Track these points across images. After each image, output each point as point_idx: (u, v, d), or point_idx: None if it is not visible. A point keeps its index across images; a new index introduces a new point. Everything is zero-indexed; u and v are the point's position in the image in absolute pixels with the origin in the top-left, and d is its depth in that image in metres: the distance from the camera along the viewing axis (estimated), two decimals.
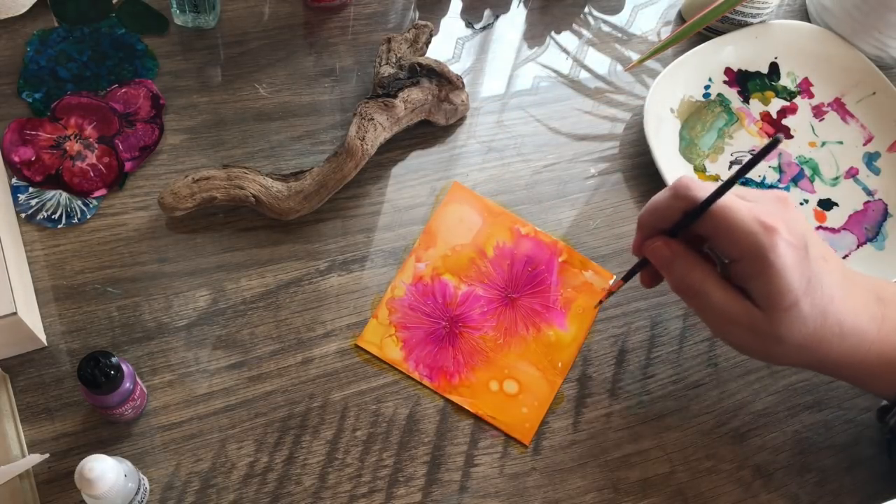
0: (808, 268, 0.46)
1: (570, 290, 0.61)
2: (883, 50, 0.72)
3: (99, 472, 0.42)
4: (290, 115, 0.65)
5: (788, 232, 0.45)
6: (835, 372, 0.51)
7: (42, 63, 0.63)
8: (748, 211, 0.45)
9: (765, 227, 0.44)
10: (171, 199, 0.57)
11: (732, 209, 0.45)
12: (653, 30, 0.75)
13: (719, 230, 0.46)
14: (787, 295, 0.45)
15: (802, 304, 0.46)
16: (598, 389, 0.58)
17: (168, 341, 0.55)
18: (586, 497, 0.55)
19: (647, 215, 0.49)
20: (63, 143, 0.60)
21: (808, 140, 0.70)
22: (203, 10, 0.65)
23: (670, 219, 0.48)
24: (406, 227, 0.62)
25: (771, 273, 0.45)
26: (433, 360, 0.57)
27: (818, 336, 0.47)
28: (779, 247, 0.44)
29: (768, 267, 0.45)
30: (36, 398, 0.52)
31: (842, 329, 0.48)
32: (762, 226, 0.44)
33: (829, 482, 0.57)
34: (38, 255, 0.56)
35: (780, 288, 0.45)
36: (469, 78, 0.69)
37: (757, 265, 0.45)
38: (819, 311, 0.46)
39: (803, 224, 0.47)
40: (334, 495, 0.52)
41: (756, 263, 0.45)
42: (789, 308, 0.46)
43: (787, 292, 0.45)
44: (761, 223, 0.45)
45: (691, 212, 0.46)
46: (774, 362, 0.50)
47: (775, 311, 0.46)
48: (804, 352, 0.48)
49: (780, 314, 0.46)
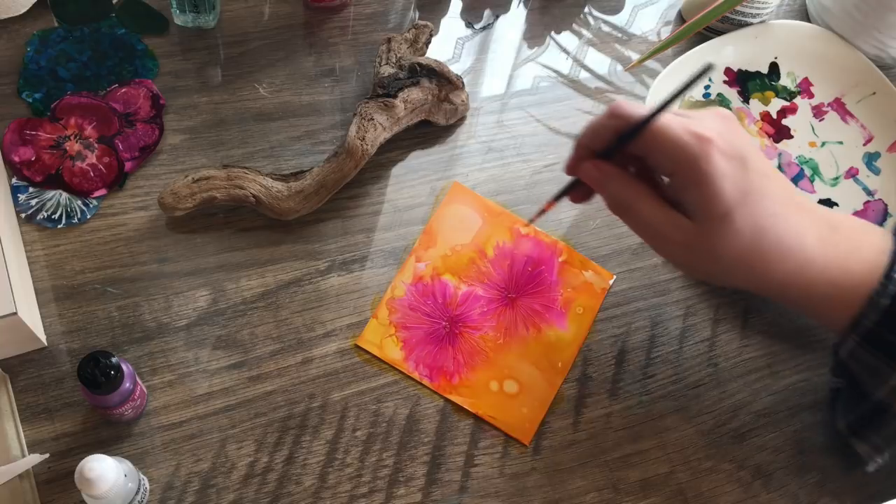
0: (744, 179, 0.45)
1: (570, 290, 0.61)
2: (883, 50, 0.72)
3: (99, 472, 0.42)
4: (290, 115, 0.65)
5: (723, 142, 0.45)
6: (781, 295, 0.49)
7: (42, 63, 0.63)
8: (681, 125, 0.45)
9: (698, 138, 0.45)
10: (171, 199, 0.57)
11: (666, 124, 0.46)
12: (653, 30, 0.75)
13: (654, 145, 0.46)
14: (719, 204, 0.45)
15: (736, 216, 0.45)
16: (598, 389, 0.58)
17: (168, 341, 0.55)
18: (586, 497, 0.55)
19: (584, 136, 0.50)
20: (63, 143, 0.60)
21: (808, 140, 0.70)
22: (203, 10, 0.65)
23: (605, 139, 0.48)
24: (406, 227, 0.62)
25: (703, 181, 0.45)
26: (433, 360, 0.57)
27: (756, 252, 0.46)
28: (712, 155, 0.44)
29: (701, 175, 0.45)
30: (36, 398, 0.52)
31: (782, 248, 0.46)
32: (695, 136, 0.45)
33: (829, 482, 0.57)
34: (38, 255, 0.56)
35: (711, 196, 0.45)
36: (469, 78, 0.69)
37: (690, 174, 0.45)
38: (756, 225, 0.46)
39: (744, 139, 0.47)
40: (334, 495, 0.52)
41: (689, 173, 0.45)
42: (722, 218, 0.45)
43: (718, 201, 0.45)
44: (694, 134, 0.45)
45: (626, 132, 0.47)
46: (716, 281, 0.50)
47: (708, 221, 0.46)
48: (742, 268, 0.47)
49: (713, 225, 0.46)
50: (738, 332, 0.61)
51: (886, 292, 0.46)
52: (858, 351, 0.48)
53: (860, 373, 0.49)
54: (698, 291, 0.62)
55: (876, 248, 0.48)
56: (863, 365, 0.49)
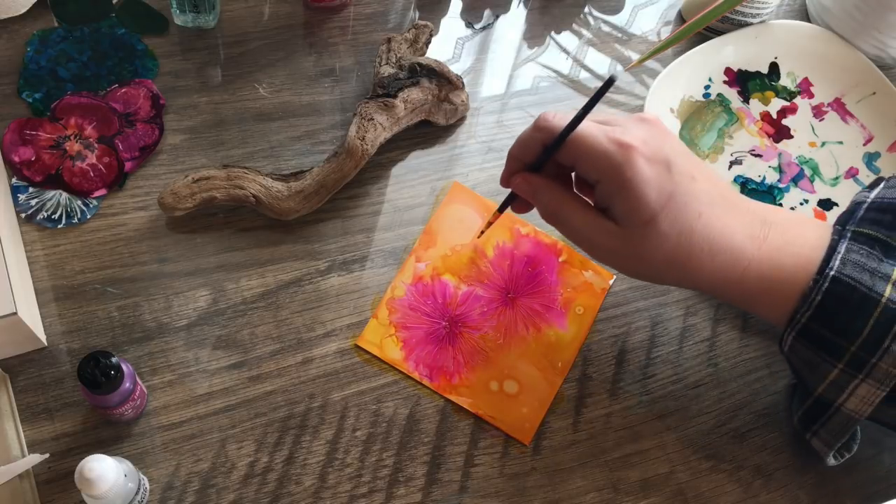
0: (668, 183, 0.46)
1: (570, 290, 0.61)
2: (883, 50, 0.72)
3: (99, 472, 0.42)
4: (290, 115, 0.65)
5: (646, 148, 0.46)
6: (716, 292, 0.50)
7: (42, 63, 0.63)
8: (603, 133, 0.47)
9: (619, 145, 0.46)
10: (171, 199, 0.57)
11: (588, 133, 0.47)
12: (653, 30, 0.75)
13: (578, 155, 0.47)
14: (644, 209, 0.46)
15: (661, 220, 0.46)
16: (598, 389, 0.58)
17: (168, 341, 0.55)
18: (586, 497, 0.55)
19: (514, 149, 0.51)
20: (63, 143, 0.60)
21: (809, 140, 0.70)
22: (203, 10, 0.65)
23: (534, 151, 0.50)
24: (406, 227, 0.62)
25: (627, 188, 0.46)
26: (433, 360, 0.57)
27: (683, 253, 0.47)
28: (634, 162, 0.45)
29: (624, 182, 0.46)
30: (36, 398, 0.52)
31: (711, 247, 0.47)
32: (617, 143, 0.46)
33: (829, 482, 0.57)
34: (38, 255, 0.56)
35: (636, 202, 0.46)
36: (469, 78, 0.69)
37: (614, 182, 0.46)
38: (681, 227, 0.46)
39: (668, 142, 0.47)
40: (334, 495, 0.52)
41: (613, 181, 0.46)
42: (647, 223, 0.46)
43: (643, 207, 0.46)
44: (616, 141, 0.46)
45: (551, 143, 0.48)
46: (650, 280, 0.51)
47: (633, 226, 0.47)
48: (673, 269, 0.48)
49: (638, 230, 0.47)
50: (738, 332, 0.61)
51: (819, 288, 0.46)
52: (796, 346, 0.48)
53: (801, 368, 0.50)
54: (698, 291, 0.62)
55: (810, 243, 0.48)
56: (802, 360, 0.49)
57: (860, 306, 0.45)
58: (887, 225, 0.48)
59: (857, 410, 0.48)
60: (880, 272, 0.46)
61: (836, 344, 0.46)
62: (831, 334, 0.46)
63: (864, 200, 0.50)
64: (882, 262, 0.46)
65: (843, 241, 0.47)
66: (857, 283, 0.45)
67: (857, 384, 0.46)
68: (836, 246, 0.47)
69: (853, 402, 0.47)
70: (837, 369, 0.47)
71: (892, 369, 0.45)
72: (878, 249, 0.47)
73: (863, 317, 0.45)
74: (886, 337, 0.45)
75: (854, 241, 0.47)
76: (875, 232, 0.48)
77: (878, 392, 0.46)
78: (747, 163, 0.68)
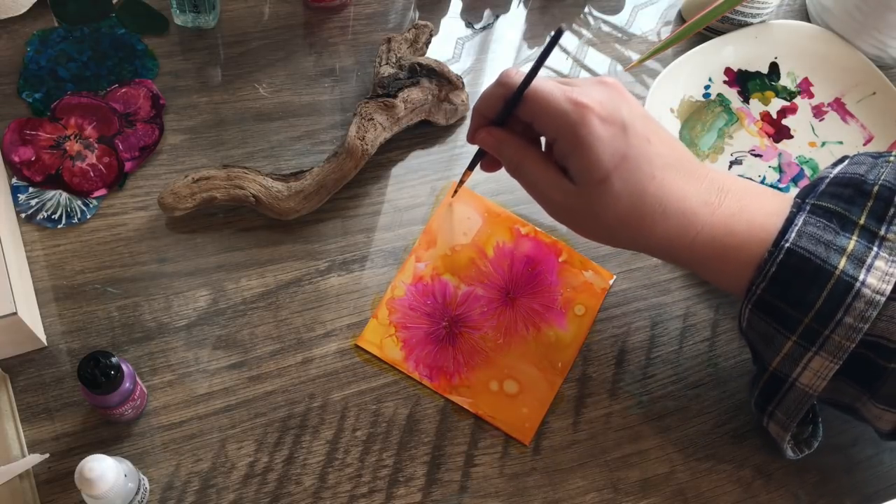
0: (622, 145, 0.47)
1: (570, 290, 0.61)
2: (883, 50, 0.72)
3: (99, 472, 0.42)
4: (290, 115, 0.65)
5: (602, 109, 0.47)
6: (668, 256, 0.51)
7: (42, 63, 0.63)
8: (561, 92, 0.48)
9: (575, 104, 0.47)
10: (171, 199, 0.57)
11: (547, 91, 0.48)
12: (653, 30, 0.75)
13: (537, 112, 0.49)
14: (597, 169, 0.47)
15: (614, 180, 0.47)
16: (598, 389, 0.58)
17: (168, 341, 0.55)
18: (586, 497, 0.55)
19: (478, 104, 0.52)
20: (63, 143, 0.60)
21: (809, 140, 0.70)
22: (203, 10, 0.65)
23: (495, 107, 0.51)
24: (406, 227, 0.62)
25: (581, 147, 0.47)
26: (433, 360, 0.57)
27: (636, 214, 0.48)
28: (589, 122, 0.46)
29: (579, 141, 0.47)
30: (36, 398, 0.52)
31: (664, 209, 0.48)
32: (573, 103, 0.47)
33: (829, 482, 0.57)
34: (38, 255, 0.56)
35: (589, 162, 0.47)
36: (469, 78, 0.69)
37: (570, 141, 0.47)
38: (634, 188, 0.47)
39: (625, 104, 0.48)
40: (334, 495, 0.52)
41: (569, 139, 0.47)
42: (600, 182, 0.47)
43: (596, 166, 0.47)
44: (572, 100, 0.47)
45: (510, 98, 0.49)
46: (603, 242, 0.52)
47: (587, 185, 0.48)
48: (624, 230, 0.49)
49: (592, 189, 0.48)
50: (738, 332, 0.61)
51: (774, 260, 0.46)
52: (753, 319, 0.49)
53: (757, 342, 0.50)
54: (698, 291, 0.62)
55: (766, 212, 0.49)
56: (758, 333, 0.49)
57: (814, 278, 0.45)
58: (846, 199, 0.48)
59: (810, 385, 0.48)
60: (835, 245, 0.46)
61: (790, 316, 0.46)
62: (786, 305, 0.47)
63: (826, 175, 0.51)
64: (838, 234, 0.46)
65: (802, 213, 0.48)
66: (811, 254, 0.46)
67: (810, 357, 0.47)
68: (793, 218, 0.48)
69: (807, 377, 0.47)
70: (791, 341, 0.47)
71: (845, 342, 0.45)
72: (836, 222, 0.47)
73: (816, 289, 0.45)
74: (839, 309, 0.45)
75: (812, 214, 0.48)
76: (833, 206, 0.48)
77: (831, 365, 0.46)
78: (747, 163, 0.68)
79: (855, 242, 0.46)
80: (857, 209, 0.47)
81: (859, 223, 0.47)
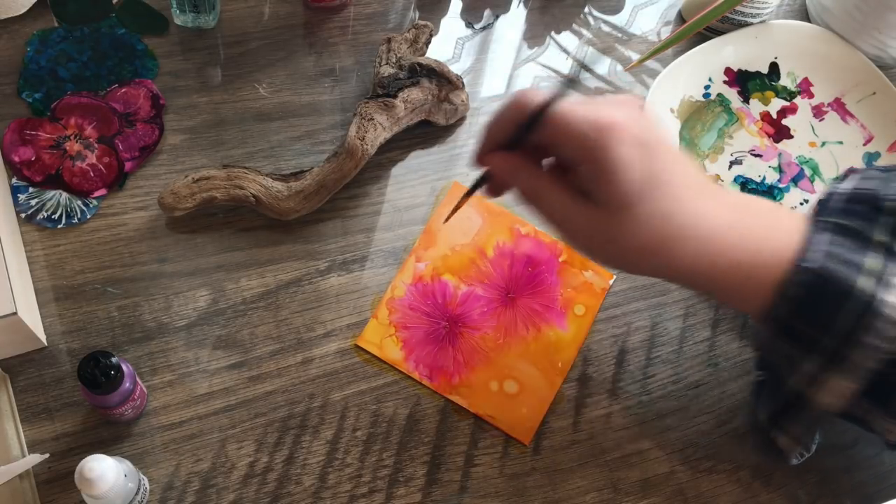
0: (646, 167, 0.45)
1: (570, 290, 0.61)
2: (883, 50, 0.72)
3: (99, 472, 0.42)
4: (290, 115, 0.65)
5: (626, 130, 0.44)
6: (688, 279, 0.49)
7: (42, 63, 0.63)
8: (583, 113, 0.45)
9: (599, 126, 0.44)
10: (171, 199, 0.57)
11: (567, 113, 0.45)
12: (653, 30, 0.75)
13: (557, 136, 0.46)
14: (623, 193, 0.45)
15: (639, 204, 0.45)
16: (598, 389, 0.58)
17: (168, 341, 0.55)
18: (586, 497, 0.55)
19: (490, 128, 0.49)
20: (63, 143, 0.60)
21: (809, 140, 0.70)
22: (203, 10, 0.65)
23: (510, 130, 0.48)
24: (406, 227, 0.62)
25: (605, 171, 0.44)
26: (433, 360, 0.57)
27: (659, 239, 0.46)
28: (613, 145, 0.44)
29: (602, 164, 0.44)
30: (36, 398, 0.52)
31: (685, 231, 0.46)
32: (596, 125, 0.44)
33: (829, 482, 0.57)
34: (38, 255, 0.56)
35: (614, 186, 0.45)
36: (469, 78, 0.69)
37: (593, 164, 0.45)
38: (659, 212, 0.46)
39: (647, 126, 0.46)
40: (334, 495, 0.52)
41: (592, 163, 0.45)
42: (626, 207, 0.45)
43: (622, 190, 0.45)
44: (595, 123, 0.44)
45: (527, 123, 0.46)
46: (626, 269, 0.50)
47: (612, 210, 0.46)
48: (648, 256, 0.47)
49: (619, 213, 0.45)
50: (738, 332, 0.61)
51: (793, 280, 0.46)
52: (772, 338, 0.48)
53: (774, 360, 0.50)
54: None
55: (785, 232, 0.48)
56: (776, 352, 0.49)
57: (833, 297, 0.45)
58: (861, 216, 0.48)
59: (830, 405, 0.47)
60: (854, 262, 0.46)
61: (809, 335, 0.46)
62: (804, 325, 0.46)
63: (835, 191, 0.50)
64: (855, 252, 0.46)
65: (819, 231, 0.47)
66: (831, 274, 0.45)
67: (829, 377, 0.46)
68: (811, 237, 0.47)
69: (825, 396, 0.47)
70: (810, 361, 0.47)
71: (866, 361, 0.45)
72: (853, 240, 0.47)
73: (835, 308, 0.45)
74: (858, 328, 0.45)
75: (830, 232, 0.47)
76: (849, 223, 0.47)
77: (852, 385, 0.46)
78: (747, 163, 0.68)
79: (872, 260, 0.45)
80: (872, 226, 0.47)
81: (876, 240, 0.46)
